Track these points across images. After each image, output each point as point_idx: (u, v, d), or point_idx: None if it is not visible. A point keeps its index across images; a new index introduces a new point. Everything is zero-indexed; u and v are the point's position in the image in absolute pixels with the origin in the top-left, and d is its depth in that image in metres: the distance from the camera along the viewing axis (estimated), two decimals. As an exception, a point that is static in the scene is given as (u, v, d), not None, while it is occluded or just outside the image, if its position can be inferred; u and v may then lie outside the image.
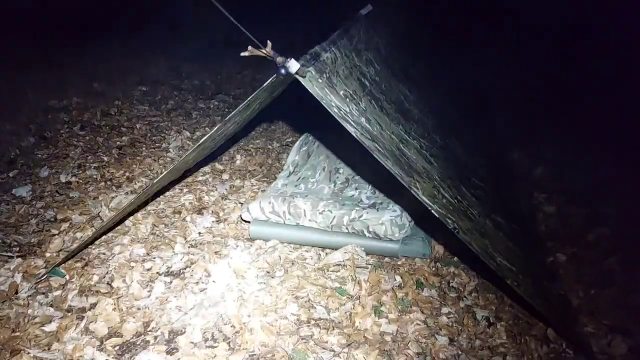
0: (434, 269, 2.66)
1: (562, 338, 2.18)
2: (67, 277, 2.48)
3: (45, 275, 2.46)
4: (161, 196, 3.28)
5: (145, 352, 2.06)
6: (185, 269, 2.59)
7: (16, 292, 2.36)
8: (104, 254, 2.68)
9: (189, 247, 2.79)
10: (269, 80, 1.98)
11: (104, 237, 2.83)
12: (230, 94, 5.50)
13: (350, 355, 2.05)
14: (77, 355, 2.03)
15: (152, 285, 2.46)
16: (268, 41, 1.74)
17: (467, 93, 4.45)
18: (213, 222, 3.03)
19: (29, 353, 2.02)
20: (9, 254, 2.63)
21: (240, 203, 3.23)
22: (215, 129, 2.31)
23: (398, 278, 2.55)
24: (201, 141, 2.33)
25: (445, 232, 2.07)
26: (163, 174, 2.48)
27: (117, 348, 2.09)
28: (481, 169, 3.18)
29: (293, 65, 1.80)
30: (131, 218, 3.02)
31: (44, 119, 4.35)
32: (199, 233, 2.92)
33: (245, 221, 2.96)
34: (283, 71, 1.79)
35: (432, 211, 1.99)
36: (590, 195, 3.31)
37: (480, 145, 3.56)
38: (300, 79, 1.85)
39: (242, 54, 1.78)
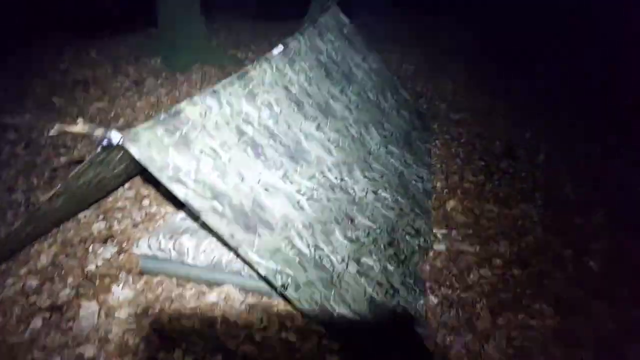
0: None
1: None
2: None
3: None
4: (74, 222, 3.39)
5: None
6: (67, 304, 2.70)
7: None
8: (-6, 285, 2.81)
9: (81, 279, 2.90)
10: (89, 157, 2.07)
11: (3, 266, 2.96)
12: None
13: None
14: None
15: (30, 320, 2.57)
16: (79, 118, 1.79)
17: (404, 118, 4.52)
18: (114, 253, 3.13)
19: None
20: None
21: (148, 232, 3.33)
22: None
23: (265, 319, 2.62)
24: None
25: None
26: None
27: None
28: (380, 205, 3.22)
29: (115, 136, 1.86)
30: (37, 246, 3.14)
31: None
32: (97, 265, 3.03)
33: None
34: (105, 143, 1.85)
35: (260, 270, 2.08)
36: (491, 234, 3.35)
37: (394, 178, 3.60)
38: (131, 146, 1.92)
39: (51, 133, 1.82)
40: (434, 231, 3.34)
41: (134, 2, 8.37)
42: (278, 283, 2.11)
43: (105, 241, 3.23)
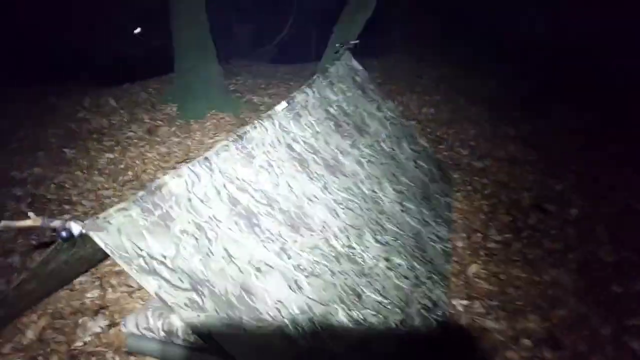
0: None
1: None
2: None
3: None
4: (68, 290, 3.20)
5: None
6: (47, 390, 2.48)
7: None
8: (-27, 366, 2.61)
9: (67, 358, 2.68)
10: (53, 246, 1.87)
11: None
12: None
13: None
14: None
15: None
16: (30, 213, 1.60)
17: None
18: (105, 326, 2.92)
19: None
20: None
21: (142, 302, 3.11)
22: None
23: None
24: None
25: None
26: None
27: None
28: (393, 274, 2.94)
29: (75, 227, 1.66)
30: (26, 318, 2.95)
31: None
32: (84, 342, 2.81)
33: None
34: (64, 234, 1.64)
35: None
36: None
37: (409, 239, 3.32)
38: (95, 235, 1.71)
39: (1, 226, 1.61)
40: (453, 302, 3.02)
41: (157, 47, 8.43)
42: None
43: (97, 313, 3.02)
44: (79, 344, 2.79)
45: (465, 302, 3.05)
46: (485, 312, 2.95)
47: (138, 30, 8.62)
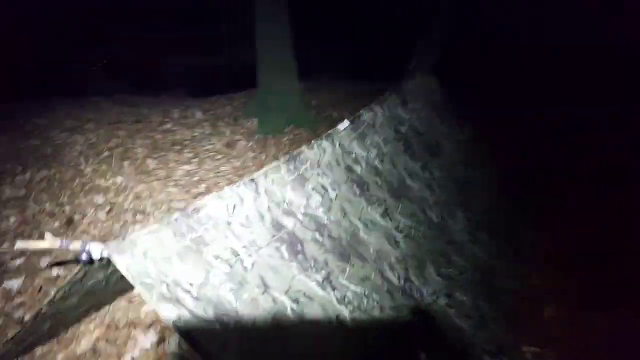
0: None
1: None
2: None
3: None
4: (127, 302, 3.24)
5: None
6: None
7: None
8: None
9: (113, 373, 2.69)
10: (70, 278, 1.82)
11: (46, 347, 2.86)
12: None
13: None
14: None
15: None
16: (47, 233, 1.56)
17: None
18: (154, 342, 2.90)
19: None
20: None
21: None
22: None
23: None
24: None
25: None
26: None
27: None
28: (454, 312, 2.66)
29: (95, 250, 1.60)
30: (83, 326, 3.02)
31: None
32: (132, 357, 2.81)
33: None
34: (84, 257, 1.59)
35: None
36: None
37: (477, 274, 3.02)
38: (118, 258, 1.65)
39: (17, 247, 1.58)
40: (522, 349, 2.68)
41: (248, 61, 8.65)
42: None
43: (149, 327, 3.02)
44: (127, 358, 2.79)
45: (536, 349, 2.68)
46: (558, 364, 2.58)
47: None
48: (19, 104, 7.25)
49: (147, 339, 2.92)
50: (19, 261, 3.63)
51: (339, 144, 2.90)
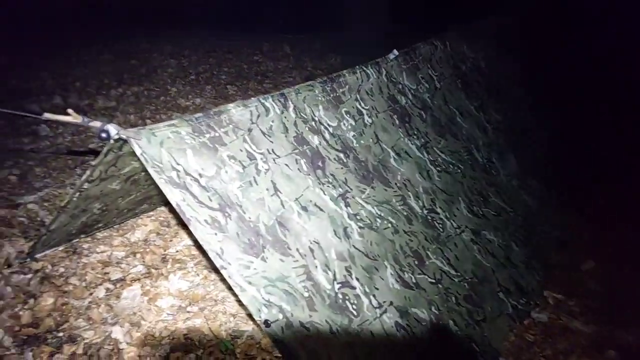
0: None
1: None
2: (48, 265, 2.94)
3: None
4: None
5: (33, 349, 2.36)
6: (131, 281, 2.83)
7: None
8: (87, 249, 3.09)
9: (157, 262, 3.01)
10: (104, 151, 1.98)
11: (106, 232, 3.25)
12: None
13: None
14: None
15: (94, 290, 2.76)
16: (69, 110, 1.75)
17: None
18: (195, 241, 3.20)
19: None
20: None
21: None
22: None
23: None
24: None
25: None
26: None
27: (24, 338, 2.43)
28: (477, 248, 2.65)
29: (112, 130, 1.79)
30: (140, 221, 3.38)
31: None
32: (176, 250, 3.12)
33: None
34: (104, 135, 1.78)
35: (242, 297, 1.79)
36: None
37: (517, 218, 2.96)
38: (133, 141, 1.82)
39: (44, 116, 1.80)
40: (545, 294, 2.62)
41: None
42: (261, 317, 1.80)
43: (195, 227, 3.31)
44: (171, 250, 3.11)
45: (560, 295, 2.62)
46: (579, 312, 2.49)
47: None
48: (128, 31, 7.84)
49: (191, 237, 3.21)
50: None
51: (386, 73, 2.88)
